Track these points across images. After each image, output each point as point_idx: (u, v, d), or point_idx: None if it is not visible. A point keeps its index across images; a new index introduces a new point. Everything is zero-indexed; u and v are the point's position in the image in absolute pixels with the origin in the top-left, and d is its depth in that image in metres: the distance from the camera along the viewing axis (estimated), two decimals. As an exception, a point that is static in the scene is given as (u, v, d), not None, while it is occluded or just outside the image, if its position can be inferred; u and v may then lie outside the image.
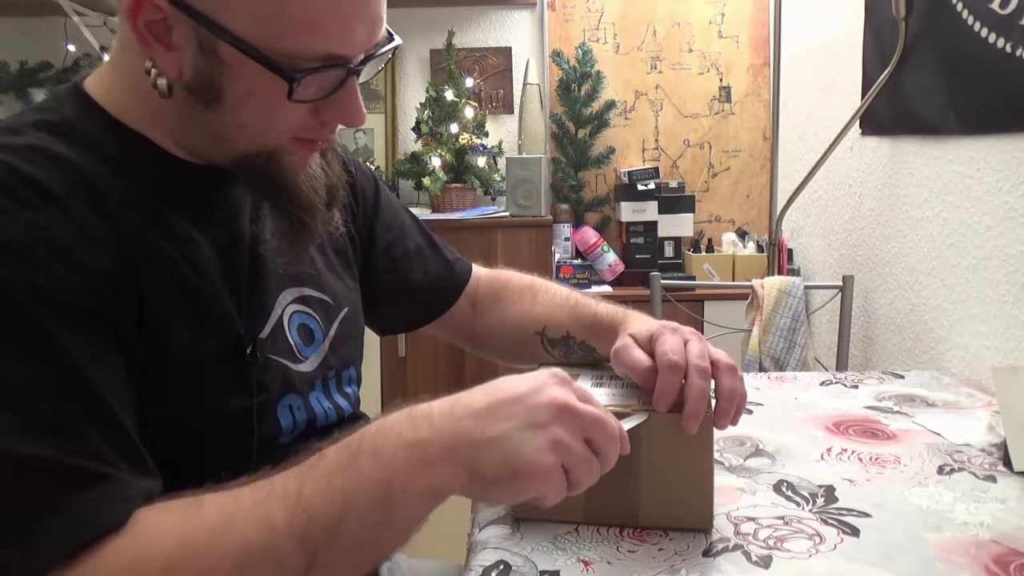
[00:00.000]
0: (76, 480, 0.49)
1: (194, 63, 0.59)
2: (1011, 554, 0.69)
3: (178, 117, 0.63)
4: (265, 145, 0.63)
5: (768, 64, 2.53)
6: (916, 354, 1.55)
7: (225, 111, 0.61)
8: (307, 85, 0.60)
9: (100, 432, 0.51)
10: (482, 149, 2.42)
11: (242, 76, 0.59)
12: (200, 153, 0.66)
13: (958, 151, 1.39)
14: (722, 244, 2.41)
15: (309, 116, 0.63)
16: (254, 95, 0.60)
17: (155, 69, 0.59)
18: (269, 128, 0.63)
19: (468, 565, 0.72)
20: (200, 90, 0.60)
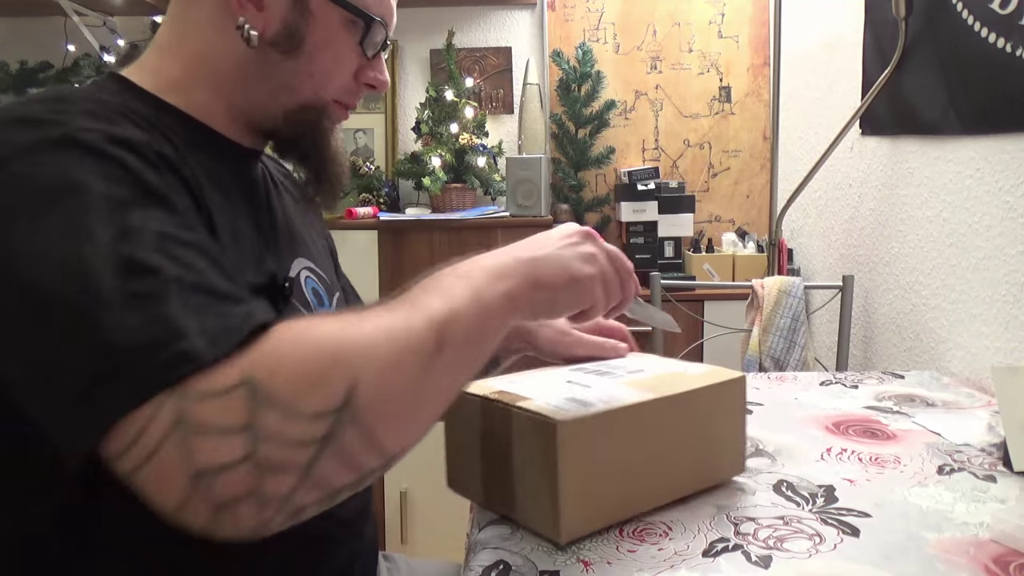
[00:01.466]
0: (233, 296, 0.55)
1: (283, 17, 0.72)
2: (1011, 554, 0.69)
3: (245, 74, 0.74)
4: (321, 99, 0.77)
5: (768, 64, 2.53)
6: (916, 354, 1.55)
7: (301, 59, 0.74)
8: (370, 35, 0.75)
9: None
10: (482, 149, 2.42)
11: (324, 26, 0.74)
12: (254, 112, 0.76)
13: (958, 151, 1.39)
14: (722, 244, 2.41)
15: (351, 79, 0.78)
16: (330, 44, 0.74)
17: (248, 25, 0.71)
18: (330, 78, 0.76)
19: (468, 565, 0.72)
20: (284, 41, 0.73)
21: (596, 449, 0.70)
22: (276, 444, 0.49)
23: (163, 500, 0.49)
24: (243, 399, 0.49)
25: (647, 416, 0.74)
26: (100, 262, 0.52)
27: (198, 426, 0.48)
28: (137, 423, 0.48)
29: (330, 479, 0.52)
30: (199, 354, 0.50)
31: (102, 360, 0.49)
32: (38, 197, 0.55)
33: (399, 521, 2.23)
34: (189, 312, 0.51)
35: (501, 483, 0.74)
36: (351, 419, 0.51)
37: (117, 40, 2.49)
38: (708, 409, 0.79)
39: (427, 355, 0.55)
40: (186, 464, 0.48)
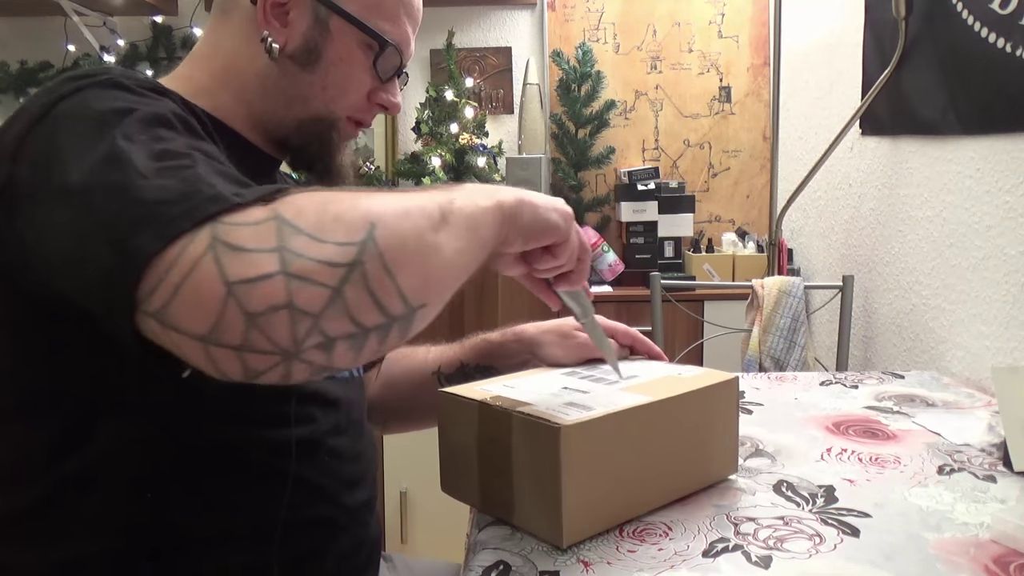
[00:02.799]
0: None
1: (304, 33, 0.79)
2: (1011, 554, 0.69)
3: (264, 83, 0.80)
4: (332, 112, 0.82)
5: (768, 64, 2.53)
6: (916, 354, 1.55)
7: (317, 72, 0.79)
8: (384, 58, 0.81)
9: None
10: (482, 149, 2.42)
11: (341, 45, 0.79)
12: (269, 119, 0.81)
13: (958, 151, 1.39)
14: (722, 244, 2.41)
15: (364, 97, 0.83)
16: (344, 62, 0.80)
17: (271, 38, 0.78)
18: (342, 94, 0.81)
19: (468, 565, 0.72)
20: (302, 54, 0.79)
21: (598, 452, 0.70)
22: (306, 260, 0.52)
23: (196, 322, 0.50)
24: (273, 228, 0.52)
25: (646, 419, 0.74)
26: (135, 151, 0.57)
27: (232, 246, 0.51)
28: (173, 253, 0.51)
29: (357, 310, 0.53)
30: (227, 197, 0.54)
31: (137, 211, 0.53)
32: (81, 122, 0.60)
33: (399, 521, 2.23)
34: (215, 178, 0.56)
35: (499, 487, 0.74)
36: (373, 252, 0.54)
37: (117, 40, 2.49)
38: (703, 410, 0.80)
39: (433, 219, 0.59)
40: (222, 276, 0.50)
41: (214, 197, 0.53)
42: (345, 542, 0.81)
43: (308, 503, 0.76)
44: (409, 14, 0.83)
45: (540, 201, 0.71)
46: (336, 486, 0.79)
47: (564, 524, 0.69)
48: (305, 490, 0.75)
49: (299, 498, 0.75)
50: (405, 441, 2.23)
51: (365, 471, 0.85)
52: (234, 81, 0.80)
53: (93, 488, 0.66)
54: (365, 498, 0.84)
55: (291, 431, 0.74)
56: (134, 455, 0.67)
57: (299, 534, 0.75)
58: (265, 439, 0.73)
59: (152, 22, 2.56)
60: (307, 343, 0.52)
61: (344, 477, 0.81)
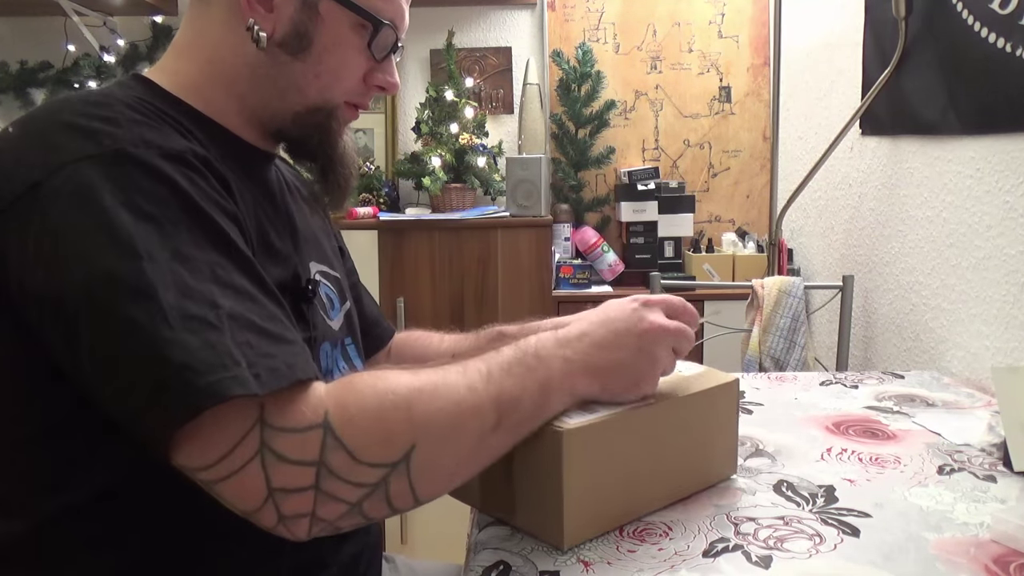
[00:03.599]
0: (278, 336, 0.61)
1: (291, 18, 0.73)
2: (1011, 554, 0.69)
3: (255, 75, 0.75)
4: (328, 101, 0.77)
5: (768, 64, 2.53)
6: (916, 354, 1.55)
7: (309, 60, 0.75)
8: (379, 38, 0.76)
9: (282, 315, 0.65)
10: (482, 149, 2.42)
11: (332, 28, 0.74)
12: (264, 112, 0.77)
13: (958, 151, 1.39)
14: (722, 244, 2.41)
15: (360, 81, 0.79)
16: (338, 46, 0.75)
17: (257, 27, 0.72)
18: (338, 80, 0.77)
19: (468, 565, 0.72)
20: (292, 42, 0.74)
21: (599, 455, 0.70)
22: (338, 481, 0.58)
23: (240, 505, 0.58)
24: (319, 439, 0.58)
25: (647, 421, 0.74)
26: (159, 279, 0.57)
27: (279, 455, 0.57)
28: (224, 444, 0.57)
29: (370, 513, 0.61)
30: (247, 384, 0.56)
31: (160, 371, 0.55)
32: (93, 214, 0.58)
33: (399, 521, 2.23)
34: (239, 346, 0.57)
35: (500, 488, 0.74)
36: (403, 474, 0.59)
37: (117, 40, 2.49)
38: (704, 412, 0.80)
39: (485, 431, 0.63)
40: (266, 483, 0.57)
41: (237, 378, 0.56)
42: (348, 549, 0.80)
43: None
44: None
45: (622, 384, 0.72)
46: None
47: (565, 526, 0.69)
48: None
49: None
50: (405, 441, 2.22)
51: None
52: (223, 74, 0.75)
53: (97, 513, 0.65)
54: None
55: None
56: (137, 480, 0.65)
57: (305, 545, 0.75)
58: None
59: (152, 22, 2.56)
60: (318, 533, 0.60)
61: None
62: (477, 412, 0.62)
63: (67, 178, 0.59)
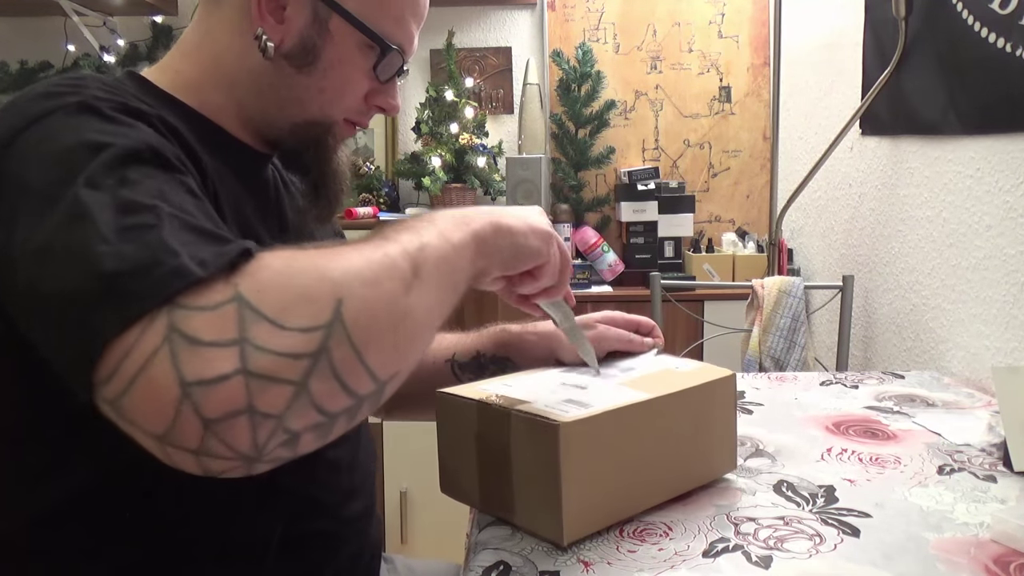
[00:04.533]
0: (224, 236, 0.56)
1: (301, 32, 0.73)
2: (1011, 554, 0.69)
3: (257, 83, 0.75)
4: (328, 116, 0.78)
5: (768, 64, 2.53)
6: (916, 354, 1.55)
7: (314, 75, 0.75)
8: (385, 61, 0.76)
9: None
10: (482, 149, 2.42)
11: (340, 46, 0.74)
12: (262, 120, 0.77)
13: (958, 151, 1.39)
14: (722, 244, 2.41)
15: (361, 100, 0.79)
16: (343, 64, 0.75)
17: (265, 36, 0.72)
18: (340, 97, 0.77)
19: (468, 566, 0.72)
20: (299, 55, 0.74)
21: (597, 449, 0.70)
22: (268, 355, 0.48)
23: (151, 420, 0.48)
24: (233, 313, 0.49)
25: (644, 415, 0.74)
26: (97, 202, 0.53)
27: (189, 338, 0.48)
28: (128, 341, 0.48)
29: (324, 400, 0.51)
30: (189, 271, 0.50)
31: (97, 286, 0.49)
32: (49, 158, 0.57)
33: (399, 521, 2.23)
34: (180, 242, 0.51)
35: (499, 486, 0.74)
36: (340, 335, 0.51)
37: (117, 40, 2.49)
38: (702, 407, 0.80)
39: (404, 278, 0.56)
40: (178, 376, 0.47)
41: (176, 270, 0.49)
42: (345, 553, 0.80)
43: (306, 518, 0.75)
44: (415, 12, 0.78)
45: (517, 224, 0.68)
46: (334, 499, 0.78)
47: (565, 522, 0.69)
48: (303, 505, 0.74)
49: (296, 514, 0.73)
50: (405, 441, 2.23)
51: (363, 479, 0.84)
52: (224, 77, 0.75)
53: (82, 513, 0.64)
54: (363, 507, 0.83)
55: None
56: (122, 477, 0.64)
57: (297, 550, 0.74)
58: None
59: (152, 22, 2.56)
60: (270, 444, 0.49)
61: (342, 488, 0.80)
62: (389, 261, 0.56)
63: (30, 132, 0.58)
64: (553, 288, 0.75)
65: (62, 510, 0.64)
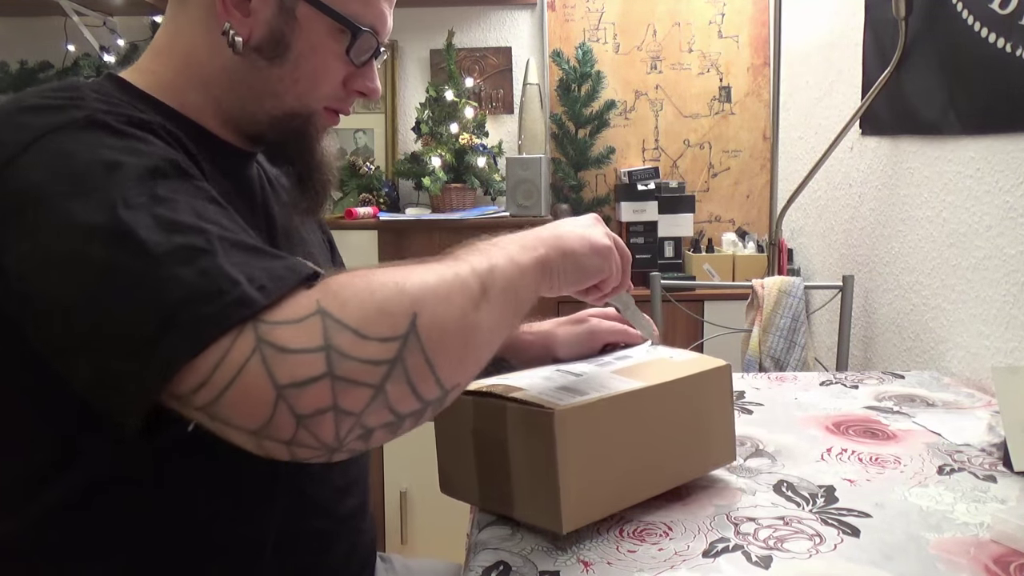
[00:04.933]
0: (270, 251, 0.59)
1: (268, 23, 0.72)
2: (1011, 554, 0.69)
3: (231, 79, 0.74)
4: (307, 106, 0.76)
5: (768, 64, 2.52)
6: (916, 354, 1.55)
7: (286, 65, 0.74)
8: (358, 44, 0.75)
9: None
10: (482, 149, 2.42)
11: (310, 34, 0.73)
12: (241, 115, 0.76)
13: (958, 151, 1.39)
14: (722, 244, 2.41)
15: (340, 85, 0.78)
16: (316, 52, 0.74)
17: (233, 31, 0.71)
18: (315, 86, 0.76)
19: (468, 566, 0.72)
20: (268, 47, 0.73)
21: (592, 437, 0.70)
22: (352, 362, 0.53)
23: (248, 419, 0.52)
24: (318, 325, 0.54)
25: (640, 403, 0.75)
26: (141, 223, 0.55)
27: (279, 347, 0.52)
28: (213, 357, 0.52)
29: (397, 403, 0.56)
30: (253, 300, 0.53)
31: (160, 312, 0.52)
32: (68, 176, 0.57)
33: (399, 521, 2.23)
34: (235, 265, 0.55)
35: (498, 480, 0.74)
36: (415, 345, 0.56)
37: (117, 40, 2.49)
38: (698, 397, 0.80)
39: (474, 297, 0.60)
40: (272, 380, 0.52)
41: (241, 300, 0.53)
42: (338, 551, 0.80)
43: (300, 516, 0.75)
44: None
45: (579, 247, 0.71)
46: (328, 496, 0.78)
47: (563, 509, 0.68)
48: (297, 503, 0.74)
49: (290, 512, 0.73)
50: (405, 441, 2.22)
51: (356, 477, 0.84)
52: (198, 76, 0.74)
53: (80, 513, 0.65)
54: (357, 504, 0.83)
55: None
56: (120, 477, 0.65)
57: (291, 547, 0.74)
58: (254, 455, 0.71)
59: (152, 22, 2.56)
60: (349, 437, 0.55)
61: (336, 485, 0.80)
62: (460, 281, 0.60)
63: (40, 149, 0.58)
64: (617, 288, 0.80)
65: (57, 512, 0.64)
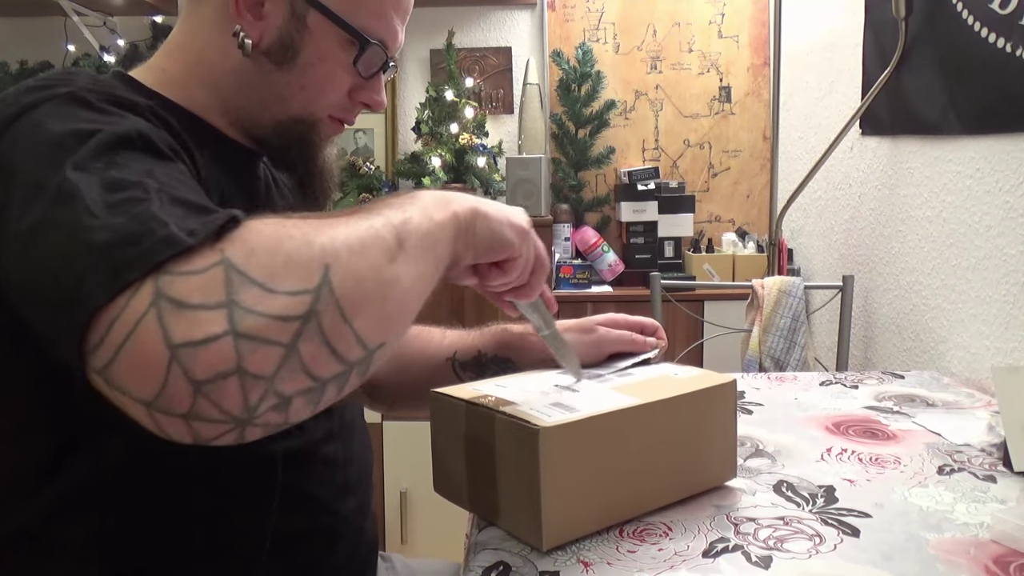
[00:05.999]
0: (212, 208, 0.56)
1: (279, 28, 0.73)
2: (1011, 554, 0.69)
3: (239, 81, 0.75)
4: (312, 113, 0.77)
5: (768, 64, 2.53)
6: (916, 354, 1.55)
7: (294, 71, 0.74)
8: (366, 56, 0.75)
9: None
10: (482, 149, 2.42)
11: (320, 42, 0.74)
12: (246, 118, 0.77)
13: (958, 151, 1.39)
14: (722, 244, 2.41)
15: (346, 96, 0.78)
16: (324, 60, 0.75)
17: (243, 33, 0.72)
18: (321, 94, 0.76)
19: (468, 566, 0.72)
20: (277, 52, 0.74)
21: (579, 455, 0.69)
22: (257, 317, 0.48)
23: (140, 386, 0.47)
24: (221, 276, 0.49)
25: (632, 422, 0.73)
26: (85, 181, 0.53)
27: (177, 301, 0.47)
28: (116, 308, 0.47)
29: (314, 365, 0.51)
30: (178, 239, 0.49)
31: (87, 257, 0.49)
32: (36, 145, 0.57)
33: (399, 521, 2.23)
34: (169, 213, 0.52)
35: (485, 488, 0.73)
36: (328, 299, 0.51)
37: (117, 40, 2.49)
38: (696, 414, 0.78)
39: (389, 248, 0.56)
40: (165, 338, 0.46)
41: (166, 239, 0.49)
42: (341, 550, 0.80)
43: (302, 515, 0.75)
44: (396, 7, 0.77)
45: (495, 213, 0.67)
46: (330, 495, 0.78)
47: (544, 526, 0.68)
48: (298, 502, 0.74)
49: (291, 510, 0.73)
50: (405, 441, 2.23)
51: (359, 475, 0.84)
52: (207, 75, 0.76)
53: (77, 511, 0.64)
54: (359, 503, 0.83)
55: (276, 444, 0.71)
56: (116, 474, 0.64)
57: (293, 547, 0.74)
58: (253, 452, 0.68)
59: (152, 22, 2.56)
60: (261, 407, 0.49)
61: (338, 484, 0.79)
62: (374, 232, 0.56)
63: (21, 123, 0.59)
64: (524, 288, 0.74)
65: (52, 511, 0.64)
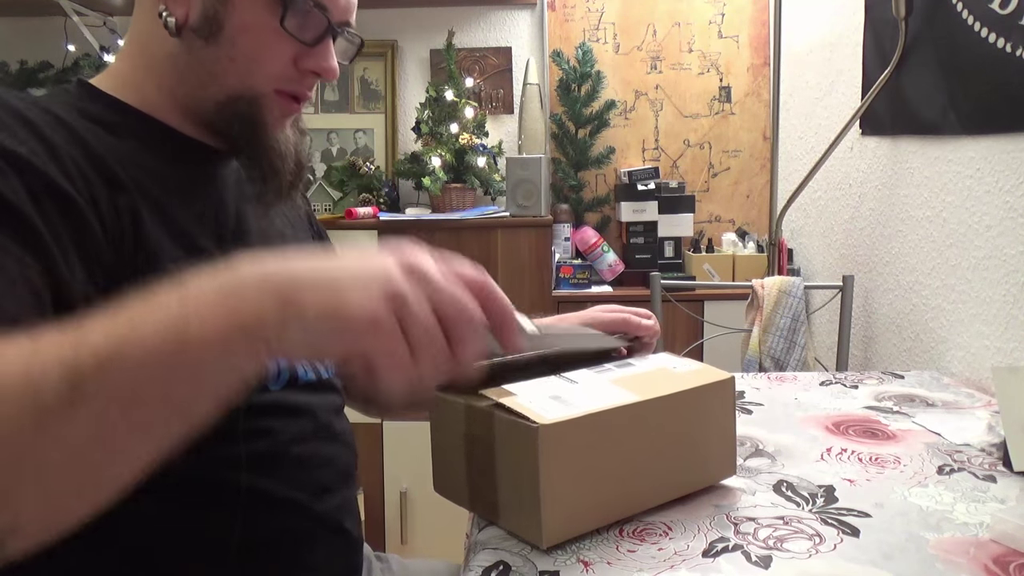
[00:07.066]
0: None
1: (202, 2, 0.70)
2: (1011, 554, 0.69)
3: (176, 65, 0.73)
4: (252, 87, 0.73)
5: (768, 64, 2.52)
6: (916, 354, 1.55)
7: (223, 44, 0.71)
8: (294, 16, 0.72)
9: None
10: (482, 149, 2.42)
11: (243, 9, 0.71)
12: (191, 105, 0.74)
13: (958, 151, 1.39)
14: (722, 244, 2.41)
15: (290, 65, 0.74)
16: (251, 27, 0.71)
17: (166, 12, 0.71)
18: (256, 64, 0.72)
19: (467, 565, 0.72)
20: (203, 26, 0.71)
21: (579, 452, 0.69)
22: None
23: None
24: None
25: (632, 418, 0.73)
26: None
27: None
28: None
29: None
30: None
31: None
32: None
33: (399, 521, 2.23)
34: None
35: (485, 487, 0.73)
36: None
37: (117, 40, 2.49)
38: (696, 410, 0.78)
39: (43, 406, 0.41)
40: None
41: None
42: (319, 552, 0.78)
43: (269, 517, 0.73)
44: None
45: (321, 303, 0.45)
46: (303, 496, 0.76)
47: (544, 524, 0.68)
48: (263, 504, 0.72)
49: (256, 513, 0.71)
50: (405, 441, 2.23)
51: (338, 475, 0.82)
52: (152, 67, 0.74)
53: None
54: (338, 503, 0.81)
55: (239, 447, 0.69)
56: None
57: (263, 550, 0.72)
58: (217, 456, 0.68)
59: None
60: None
61: (313, 485, 0.77)
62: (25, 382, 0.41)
63: None
64: (443, 373, 0.50)
65: None
